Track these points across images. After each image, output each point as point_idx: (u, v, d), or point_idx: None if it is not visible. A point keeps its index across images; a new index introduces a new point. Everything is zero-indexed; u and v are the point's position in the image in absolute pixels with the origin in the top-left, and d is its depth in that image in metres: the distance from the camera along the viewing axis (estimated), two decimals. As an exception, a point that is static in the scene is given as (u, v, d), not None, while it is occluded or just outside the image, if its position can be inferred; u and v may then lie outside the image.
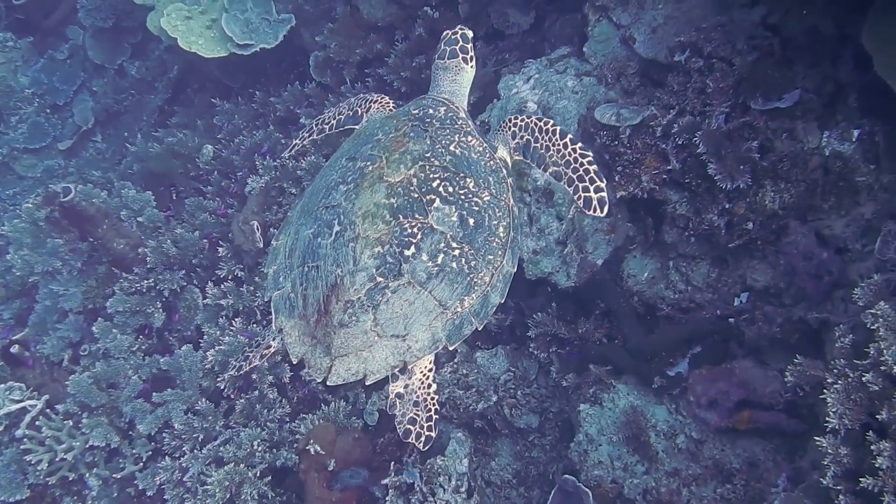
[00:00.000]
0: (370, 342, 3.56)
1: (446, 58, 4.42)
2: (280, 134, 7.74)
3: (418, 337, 3.59)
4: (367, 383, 3.63)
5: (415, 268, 3.55)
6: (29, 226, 7.58)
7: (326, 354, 3.60)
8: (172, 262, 6.97)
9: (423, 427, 3.75)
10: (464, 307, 3.66)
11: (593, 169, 3.91)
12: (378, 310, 3.53)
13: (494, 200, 3.84)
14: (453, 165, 3.81)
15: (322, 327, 3.61)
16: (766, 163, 4.93)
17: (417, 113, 4.08)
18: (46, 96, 10.74)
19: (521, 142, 4.16)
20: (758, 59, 5.05)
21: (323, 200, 3.86)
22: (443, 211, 3.66)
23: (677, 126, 5.12)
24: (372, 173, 3.77)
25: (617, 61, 5.78)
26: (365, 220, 3.62)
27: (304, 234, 3.84)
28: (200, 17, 8.17)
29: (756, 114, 5.00)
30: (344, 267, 3.56)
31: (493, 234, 3.77)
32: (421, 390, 3.80)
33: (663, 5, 5.59)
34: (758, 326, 5.10)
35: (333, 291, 3.56)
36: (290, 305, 3.79)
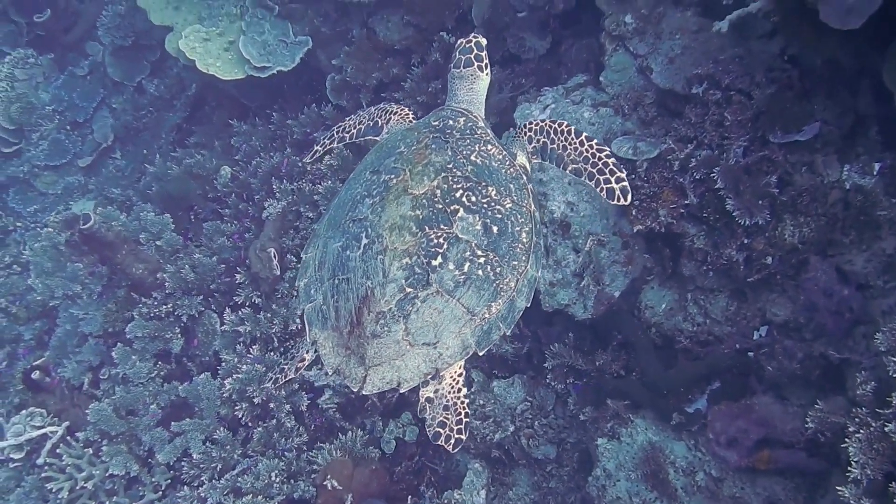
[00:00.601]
0: (402, 351, 3.64)
1: (462, 66, 4.51)
2: (297, 157, 7.74)
3: (449, 344, 3.68)
4: (401, 391, 3.71)
5: (442, 277, 3.63)
6: (49, 250, 7.64)
7: (361, 365, 3.66)
8: (190, 287, 6.99)
9: (452, 430, 3.81)
10: (491, 313, 3.75)
11: (612, 161, 4.04)
12: (409, 319, 3.61)
13: (516, 207, 3.92)
14: (475, 175, 3.89)
15: (355, 338, 3.67)
16: (786, 197, 4.89)
17: (438, 124, 4.17)
18: (67, 113, 10.80)
19: (538, 145, 4.29)
20: (776, 91, 5.00)
21: (350, 213, 3.94)
22: (467, 220, 3.74)
23: (695, 160, 5.09)
24: (397, 186, 3.85)
25: (634, 91, 5.74)
26: (392, 232, 3.70)
27: (333, 247, 3.91)
28: (218, 38, 8.18)
29: (775, 147, 4.96)
30: (374, 279, 3.64)
31: (516, 240, 3.85)
32: (451, 394, 3.86)
33: (680, 36, 5.54)
34: (778, 361, 5.05)
35: (365, 303, 3.64)
36: (323, 317, 3.86)
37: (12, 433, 6.42)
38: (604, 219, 5.56)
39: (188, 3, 8.71)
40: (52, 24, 11.14)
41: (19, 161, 10.60)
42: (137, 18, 9.91)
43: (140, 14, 9.08)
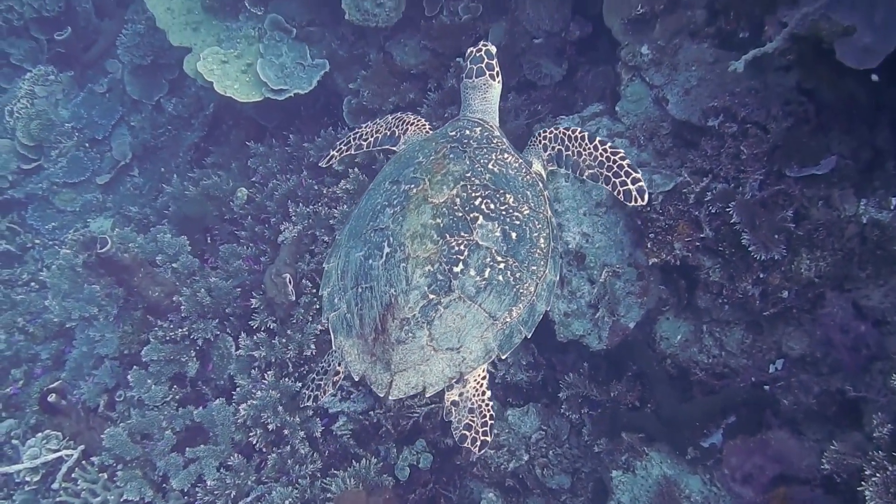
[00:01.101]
0: (427, 356, 3.74)
1: (474, 76, 4.65)
2: (313, 180, 7.76)
3: (472, 348, 3.79)
4: (427, 395, 3.81)
5: (464, 283, 3.74)
6: (67, 271, 7.69)
7: (386, 370, 3.78)
8: (206, 310, 7.01)
9: (478, 432, 3.90)
10: (512, 317, 3.85)
11: (626, 163, 4.15)
12: (432, 325, 3.72)
13: (534, 213, 4.03)
14: (493, 183, 3.99)
15: (380, 345, 3.78)
16: (802, 231, 4.87)
17: (455, 135, 4.30)
18: (86, 130, 10.88)
19: (553, 153, 4.41)
20: (793, 125, 4.99)
21: (371, 223, 4.05)
22: (486, 227, 3.84)
23: (710, 194, 5.07)
24: (417, 195, 3.95)
25: (650, 121, 5.73)
26: (414, 240, 3.80)
27: (355, 257, 4.02)
28: (236, 61, 8.22)
29: (791, 181, 4.94)
30: (397, 286, 3.75)
31: (534, 245, 3.95)
32: (475, 397, 3.95)
33: (696, 67, 5.53)
34: (794, 395, 5.04)
35: (389, 310, 3.75)
36: (348, 325, 3.98)
37: (28, 456, 6.45)
38: (619, 250, 5.55)
39: (207, 24, 8.77)
40: (73, 42, 11.25)
41: (38, 178, 10.68)
42: (156, 37, 10.02)
43: (159, 33, 9.15)
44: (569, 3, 6.77)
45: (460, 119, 4.59)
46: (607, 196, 5.57)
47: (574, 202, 5.62)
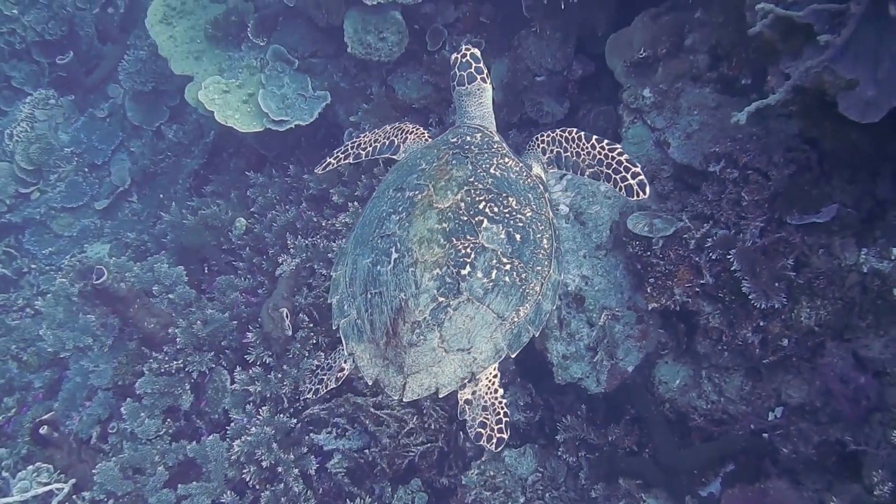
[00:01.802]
0: (439, 358, 3.78)
1: (466, 83, 4.62)
2: (312, 212, 7.74)
3: (482, 349, 3.82)
4: (440, 396, 3.84)
5: (472, 285, 3.78)
6: (62, 300, 7.65)
7: (399, 373, 3.81)
8: (202, 343, 6.98)
9: (493, 430, 3.90)
10: (520, 317, 3.90)
11: (625, 158, 4.14)
12: (443, 327, 3.76)
13: (536, 215, 4.08)
14: (495, 187, 4.04)
15: (392, 348, 3.81)
16: (802, 279, 4.85)
17: (456, 141, 4.35)
18: (85, 155, 10.89)
19: (552, 155, 4.45)
20: (794, 172, 4.98)
21: (377, 231, 4.08)
22: (491, 230, 3.89)
23: (711, 240, 5.05)
24: (422, 201, 3.99)
25: (651, 164, 5.73)
26: (421, 245, 3.85)
27: (363, 264, 4.05)
28: (238, 91, 8.23)
29: (792, 229, 4.92)
30: (407, 291, 3.78)
31: (538, 246, 4.01)
32: (488, 395, 3.98)
33: (698, 112, 5.53)
34: (793, 444, 5.00)
35: (399, 314, 3.78)
36: (359, 331, 3.99)
37: (18, 489, 6.38)
38: (618, 293, 5.53)
39: (209, 53, 8.79)
40: (74, 66, 11.27)
41: (36, 202, 10.66)
42: (158, 64, 10.02)
43: (161, 60, 9.17)
44: (571, 42, 6.79)
45: (460, 126, 4.67)
46: (607, 239, 5.56)
47: (574, 244, 5.60)
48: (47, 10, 11.50)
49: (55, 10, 11.49)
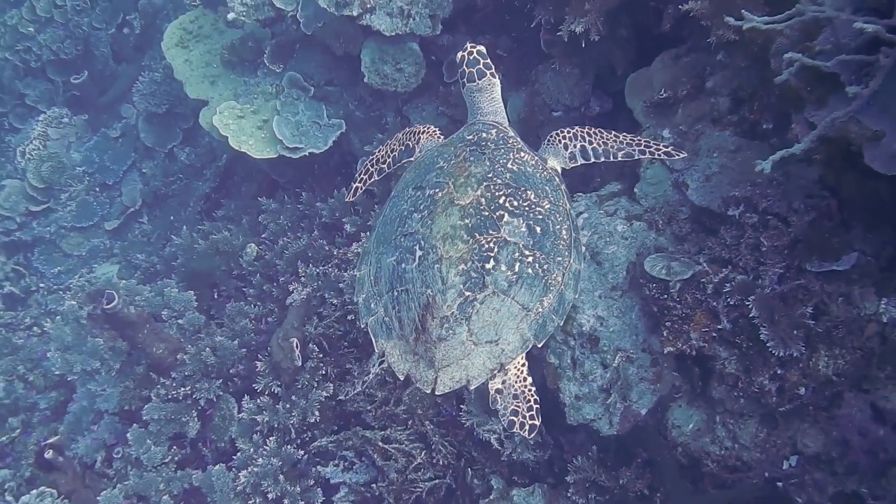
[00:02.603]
0: (468, 351, 3.89)
1: (476, 79, 4.77)
2: (324, 240, 7.71)
3: (509, 339, 3.94)
4: (471, 388, 3.94)
5: (496, 278, 3.89)
6: (71, 323, 7.61)
7: (430, 368, 3.91)
8: (210, 370, 6.94)
9: (525, 417, 4.08)
10: (544, 307, 4.02)
11: (645, 140, 4.72)
12: (470, 321, 3.87)
13: (554, 207, 4.23)
14: (514, 181, 4.17)
15: (422, 344, 3.91)
16: (821, 328, 4.79)
17: (472, 138, 4.47)
18: (97, 175, 10.90)
19: (577, 150, 4.71)
20: (815, 218, 4.94)
21: (399, 229, 4.18)
22: (512, 224, 4.01)
23: (729, 285, 5.00)
24: (443, 199, 4.09)
25: (669, 205, 5.69)
26: (445, 242, 3.95)
27: (387, 262, 4.14)
28: (252, 116, 8.23)
29: (811, 276, 4.88)
30: (433, 287, 3.88)
31: (558, 237, 4.14)
32: (518, 384, 4.12)
33: (718, 154, 5.50)
34: (808, 494, 4.92)
35: (427, 310, 3.88)
36: (387, 328, 4.11)
37: (21, 514, 6.34)
38: (633, 335, 5.48)
39: (224, 78, 8.81)
40: (88, 86, 11.30)
41: (46, 221, 10.65)
42: (173, 86, 10.04)
43: (176, 83, 9.20)
44: (589, 78, 6.78)
45: (475, 123, 4.76)
46: (623, 280, 5.52)
47: (589, 283, 5.56)
48: (63, 30, 11.56)
49: (71, 29, 11.56)
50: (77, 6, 11.81)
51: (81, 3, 11.83)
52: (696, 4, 5.11)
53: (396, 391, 6.54)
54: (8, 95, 11.79)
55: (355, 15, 7.21)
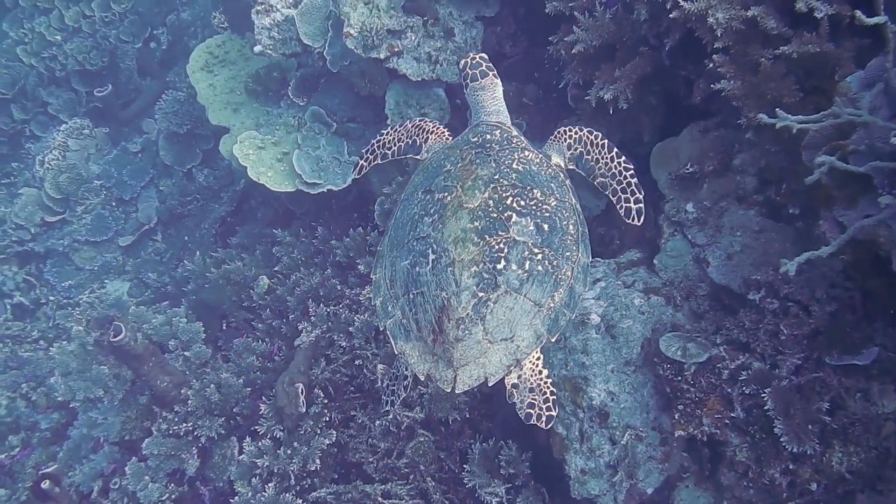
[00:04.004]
0: (484, 349, 3.99)
1: (480, 79, 4.88)
2: (336, 279, 7.62)
3: (524, 336, 4.03)
4: (489, 385, 4.05)
5: (508, 278, 3.98)
6: (77, 350, 7.56)
7: (449, 367, 4.02)
8: (213, 407, 6.87)
9: (542, 409, 4.14)
10: (555, 302, 4.11)
11: (634, 182, 4.50)
12: (485, 321, 3.96)
13: (560, 203, 4.29)
14: (520, 181, 4.24)
15: (440, 345, 4.01)
16: (837, 424, 4.69)
17: (477, 140, 4.53)
18: (114, 189, 10.88)
19: (576, 153, 4.71)
20: (836, 310, 4.85)
21: (411, 233, 4.26)
22: (520, 223, 4.08)
23: (746, 374, 4.91)
24: (452, 202, 4.18)
25: (688, 280, 5.60)
26: (456, 245, 4.04)
27: (402, 266, 4.23)
28: (273, 148, 8.17)
29: (829, 370, 4.78)
30: (448, 289, 3.98)
31: (565, 233, 4.20)
32: (534, 377, 4.20)
33: (741, 233, 5.41)
34: (813, 592, 4.81)
35: (443, 312, 3.98)
36: (406, 330, 4.21)
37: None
38: (644, 412, 5.38)
39: (247, 107, 8.77)
40: (112, 99, 11.30)
41: (60, 233, 10.64)
42: (196, 107, 9.99)
43: (198, 104, 9.14)
44: (614, 138, 6.63)
45: (479, 124, 4.81)
46: (637, 355, 5.43)
47: (602, 357, 5.47)
48: (90, 40, 11.57)
49: (98, 40, 11.58)
50: (106, 18, 11.85)
51: (110, 14, 11.86)
52: (728, 84, 5.03)
53: (399, 443, 6.47)
54: (31, 102, 11.83)
55: (382, 58, 7.16)
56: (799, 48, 4.72)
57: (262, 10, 7.96)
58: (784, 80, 4.87)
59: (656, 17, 5.55)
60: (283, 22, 7.93)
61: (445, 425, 6.49)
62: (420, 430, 6.44)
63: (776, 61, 4.90)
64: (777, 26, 4.85)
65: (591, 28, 5.90)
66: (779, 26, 4.86)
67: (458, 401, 6.35)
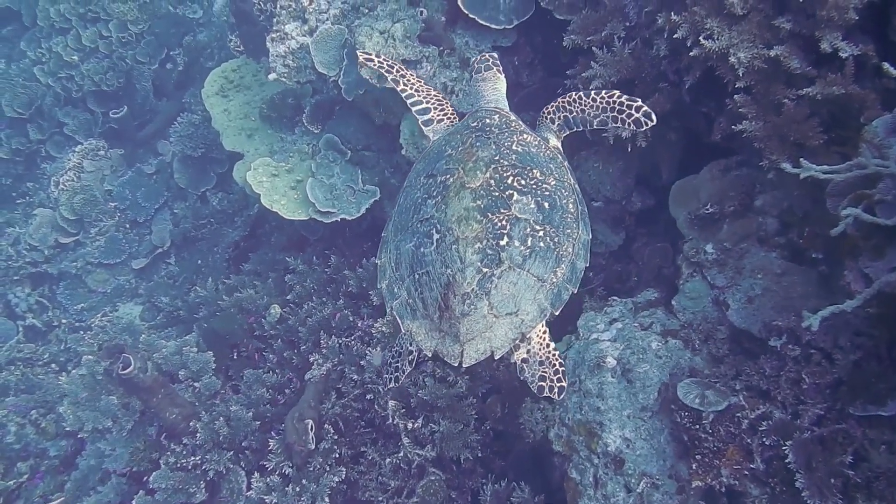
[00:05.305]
0: (490, 324, 4.09)
1: (483, 71, 5.24)
2: (349, 310, 7.52)
3: (528, 310, 4.14)
4: (496, 358, 4.16)
5: (511, 254, 4.10)
6: (87, 378, 7.48)
7: (456, 342, 4.11)
8: (222, 441, 6.77)
9: (553, 380, 4.30)
10: (557, 277, 4.23)
11: (624, 98, 4.65)
12: (490, 295, 4.06)
13: (559, 183, 4.45)
14: (519, 161, 4.40)
15: (446, 321, 4.11)
16: (860, 478, 4.53)
17: (476, 125, 4.72)
18: (128, 211, 10.84)
19: (561, 121, 4.91)
20: (861, 358, 4.70)
21: (415, 216, 4.39)
22: (522, 202, 4.22)
23: (766, 424, 4.76)
24: (455, 183, 4.32)
25: (707, 322, 5.46)
26: (460, 223, 4.16)
27: (406, 248, 4.34)
28: (286, 175, 8.09)
29: (853, 422, 4.62)
30: (453, 266, 4.09)
31: (565, 211, 4.35)
32: (542, 351, 4.36)
33: (762, 276, 5.27)
34: None
35: (449, 289, 4.08)
36: (412, 310, 4.31)
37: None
38: (660, 460, 5.24)
39: (262, 133, 8.72)
40: (127, 120, 11.27)
41: (73, 255, 10.60)
42: (211, 130, 9.93)
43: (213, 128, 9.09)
44: (633, 172, 6.58)
45: (478, 111, 5.01)
46: (654, 401, 5.29)
47: (618, 402, 5.33)
48: (107, 61, 11.57)
49: (115, 61, 11.58)
50: (123, 38, 11.85)
51: (127, 35, 11.86)
52: (750, 125, 4.90)
53: (410, 481, 6.36)
54: (48, 122, 11.81)
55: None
56: (823, 89, 4.59)
57: (277, 37, 7.88)
58: (808, 122, 4.74)
59: (676, 52, 5.43)
60: (297, 50, 7.85)
61: (457, 464, 6.38)
62: (431, 468, 6.33)
63: (799, 102, 4.78)
64: (801, 66, 4.74)
65: (609, 63, 5.79)
66: (802, 66, 4.75)
67: (471, 440, 6.23)
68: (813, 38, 4.61)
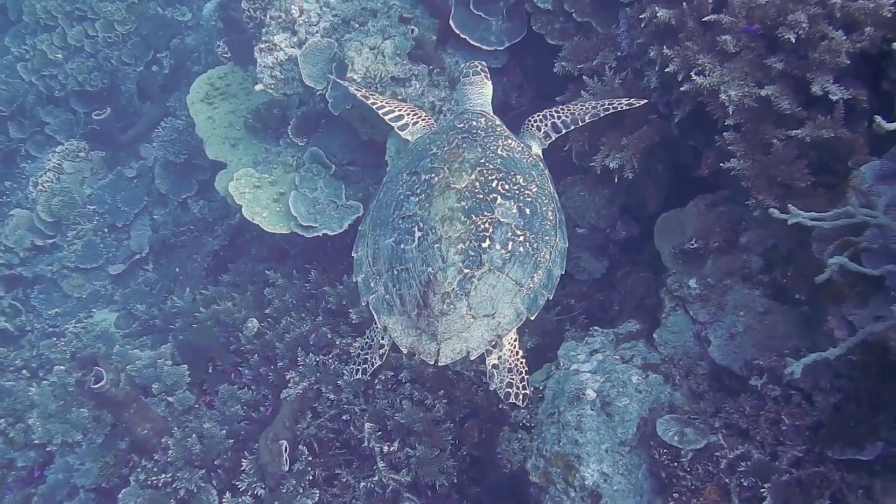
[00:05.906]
0: (468, 324, 4.17)
1: (471, 75, 5.41)
2: (328, 328, 7.42)
3: (505, 313, 4.24)
4: (471, 358, 4.25)
5: (492, 257, 4.19)
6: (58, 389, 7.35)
7: (433, 340, 4.17)
8: (194, 458, 6.67)
9: (519, 388, 4.39)
10: (534, 283, 4.34)
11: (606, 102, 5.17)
12: (470, 296, 4.15)
13: (540, 190, 4.58)
14: (504, 166, 4.50)
15: (424, 318, 4.18)
16: (838, 524, 4.52)
17: (463, 126, 4.82)
18: (107, 215, 10.68)
19: (548, 127, 5.12)
20: (840, 401, 4.67)
21: (396, 213, 4.44)
22: (505, 206, 4.33)
23: (745, 465, 4.73)
24: (440, 183, 4.39)
25: (688, 357, 5.43)
26: (444, 223, 4.23)
27: (385, 243, 4.40)
28: (269, 187, 8.00)
29: (831, 465, 4.60)
30: (434, 265, 4.16)
31: (545, 218, 4.47)
32: (512, 358, 4.43)
33: (745, 314, 5.24)
34: None
35: (429, 287, 4.14)
36: (388, 305, 4.36)
37: None
38: (638, 496, 5.19)
39: (246, 143, 8.63)
40: (110, 122, 11.14)
41: (49, 259, 10.45)
42: (194, 137, 9.80)
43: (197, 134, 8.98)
44: (618, 201, 6.55)
45: (464, 112, 5.12)
46: (633, 436, 5.24)
47: (597, 436, 5.28)
48: (92, 61, 11.43)
49: (100, 61, 11.45)
50: (109, 38, 11.72)
51: (114, 35, 11.73)
52: (738, 164, 4.87)
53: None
54: (29, 121, 11.65)
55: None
56: (812, 132, 4.57)
57: (266, 48, 7.81)
58: (795, 164, 4.72)
59: (667, 85, 5.40)
60: (286, 61, 7.78)
61: (433, 489, 6.29)
62: (406, 493, 6.24)
63: (788, 143, 4.76)
64: (791, 107, 4.72)
65: (599, 92, 5.76)
66: (793, 107, 4.72)
67: (447, 465, 6.16)
68: (804, 79, 4.59)
